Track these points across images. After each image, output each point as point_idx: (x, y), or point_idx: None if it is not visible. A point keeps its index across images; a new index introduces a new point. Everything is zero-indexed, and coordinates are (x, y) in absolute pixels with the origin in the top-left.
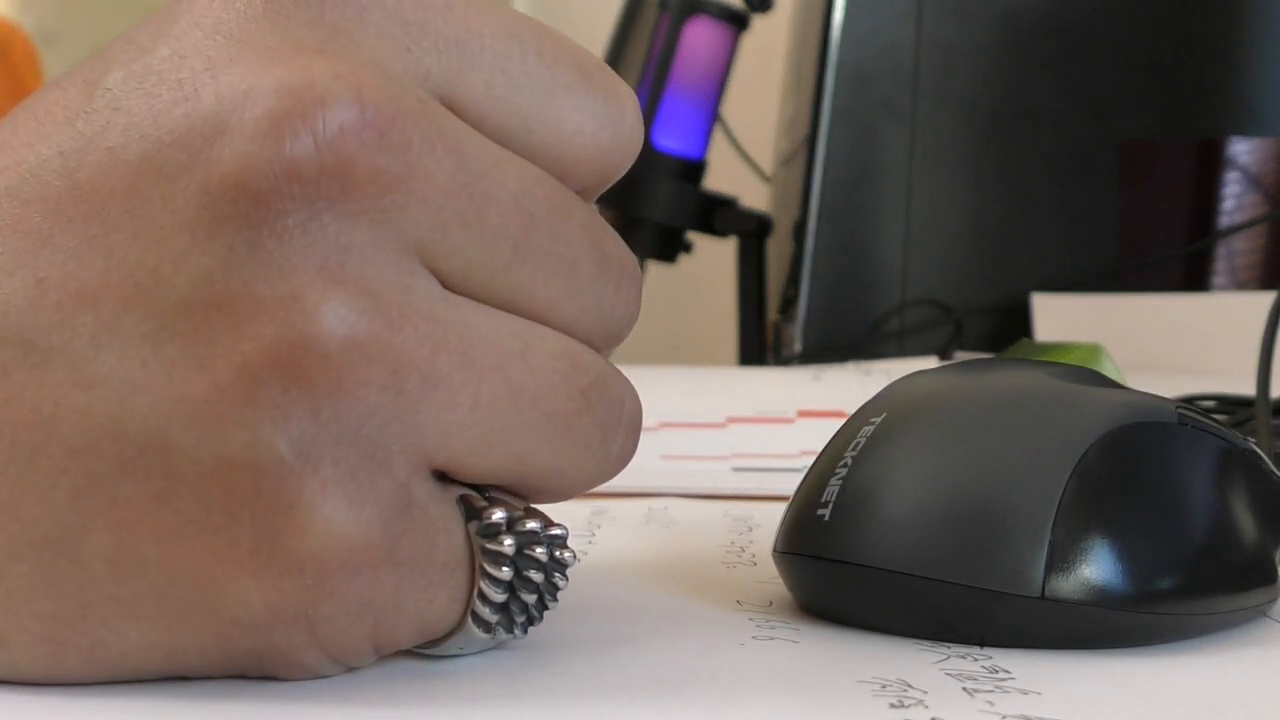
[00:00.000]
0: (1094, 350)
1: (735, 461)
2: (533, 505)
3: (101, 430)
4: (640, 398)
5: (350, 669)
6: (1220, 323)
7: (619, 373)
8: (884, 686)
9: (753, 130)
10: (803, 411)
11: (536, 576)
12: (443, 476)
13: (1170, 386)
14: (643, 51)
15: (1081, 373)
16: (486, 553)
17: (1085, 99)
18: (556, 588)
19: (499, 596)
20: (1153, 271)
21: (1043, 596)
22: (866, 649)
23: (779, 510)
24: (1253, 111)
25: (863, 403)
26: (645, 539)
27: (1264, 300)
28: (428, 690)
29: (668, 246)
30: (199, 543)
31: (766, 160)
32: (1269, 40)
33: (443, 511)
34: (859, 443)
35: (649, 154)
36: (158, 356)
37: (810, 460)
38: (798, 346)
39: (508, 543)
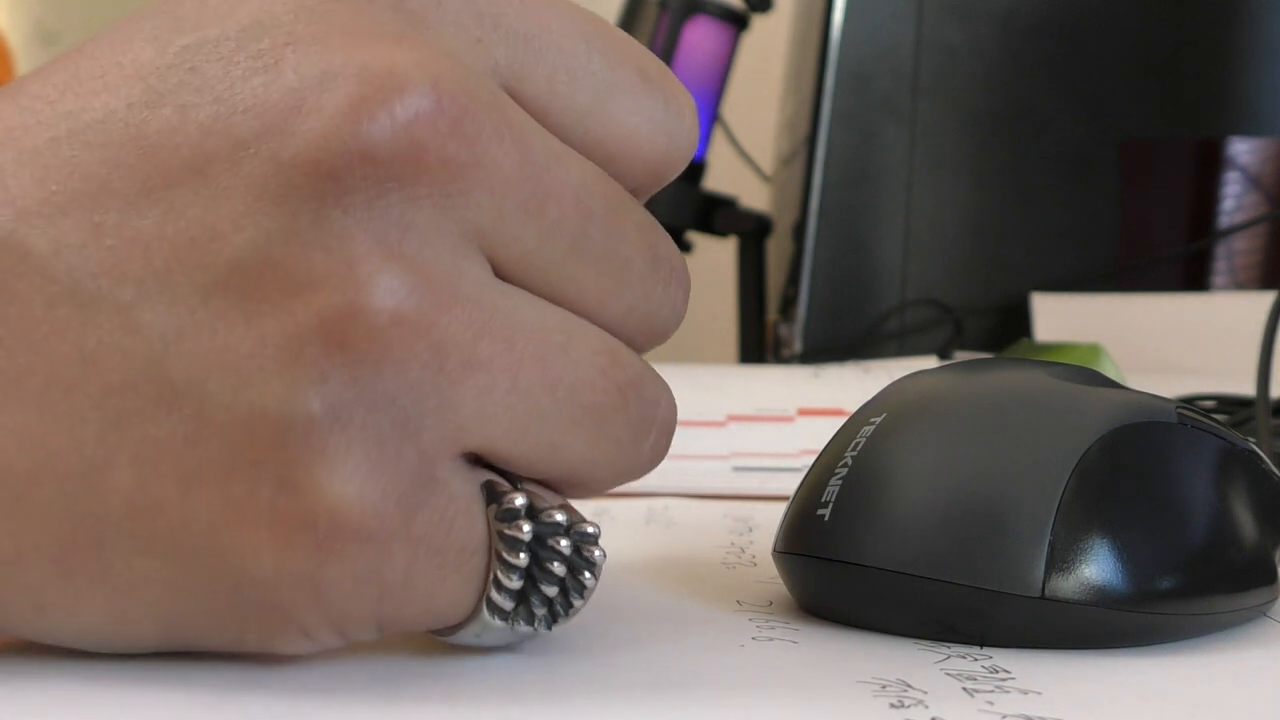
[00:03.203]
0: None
1: (735, 461)
2: (567, 502)
3: (140, 372)
4: (676, 407)
5: (350, 642)
6: (1220, 323)
7: (657, 374)
8: (884, 686)
9: (753, 130)
10: (803, 410)
11: (559, 569)
12: (476, 462)
13: (1170, 386)
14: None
15: (1081, 373)
16: (503, 537)
17: (1085, 99)
18: (584, 586)
19: (514, 583)
20: (1153, 271)
21: (1043, 596)
22: (866, 649)
23: (779, 510)
24: (1253, 111)
25: (862, 401)
26: (645, 539)
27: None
28: (427, 690)
29: None
30: (218, 489)
31: (766, 160)
32: (1269, 40)
33: (465, 493)
34: (859, 443)
35: None
36: (206, 308)
37: (810, 460)
38: (798, 346)
39: (525, 528)
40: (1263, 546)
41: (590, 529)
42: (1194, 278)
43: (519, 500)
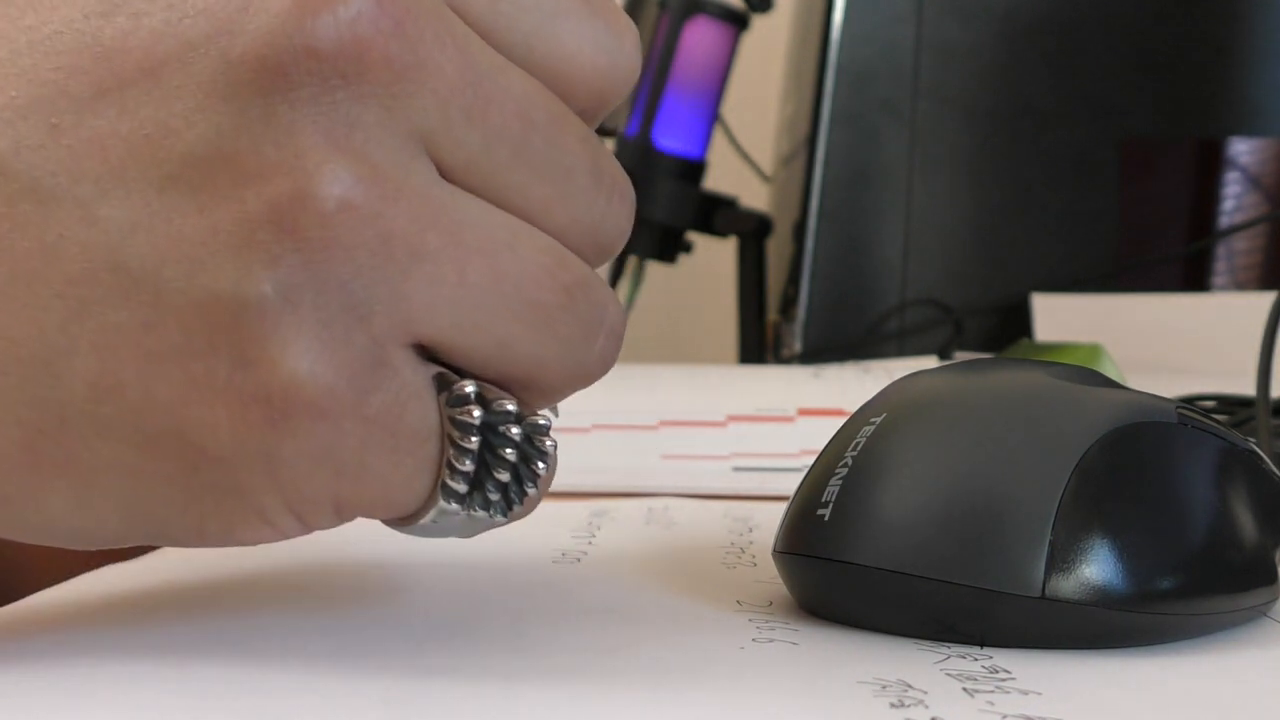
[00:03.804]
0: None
1: (735, 461)
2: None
3: (100, 262)
4: (624, 318)
5: (310, 529)
6: (1220, 323)
7: (604, 283)
8: (884, 687)
9: (753, 130)
10: (803, 410)
11: (510, 454)
12: (429, 358)
13: (1170, 386)
14: (643, 51)
15: (1082, 373)
16: (454, 422)
17: (1085, 99)
18: (536, 474)
19: (467, 466)
20: (1153, 271)
21: (1043, 596)
22: (866, 649)
23: (779, 510)
24: (1253, 111)
25: (863, 401)
26: (645, 539)
27: (1264, 300)
28: (427, 689)
29: (668, 246)
30: (177, 369)
31: (766, 160)
32: (1269, 40)
33: (416, 380)
34: (859, 443)
35: (649, 154)
36: (161, 200)
37: (810, 460)
38: (798, 346)
39: (475, 413)
40: (1263, 547)
41: (541, 420)
42: (1194, 278)
43: (469, 387)
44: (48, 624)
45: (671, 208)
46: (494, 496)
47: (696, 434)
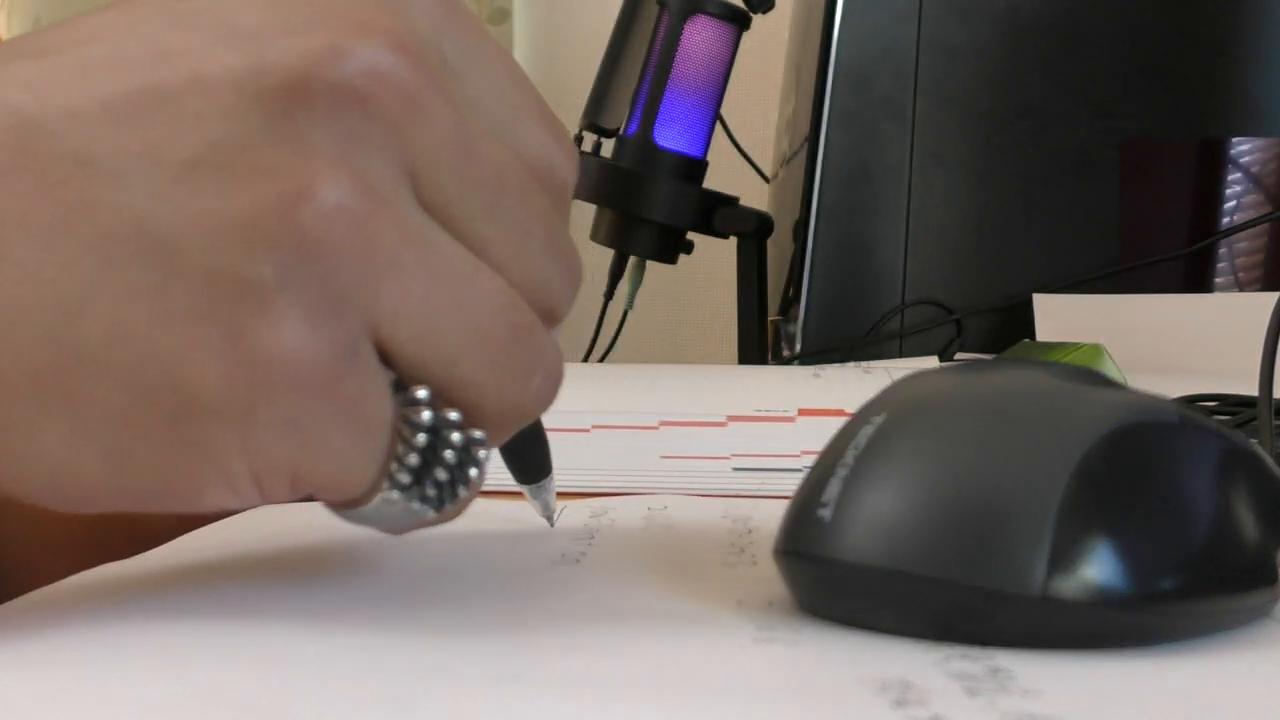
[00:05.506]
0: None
1: (735, 461)
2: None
3: (129, 225)
4: (564, 366)
5: (265, 501)
6: (1222, 323)
7: (549, 335)
8: (885, 687)
9: (753, 130)
10: (804, 410)
11: (450, 457)
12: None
13: (1171, 386)
14: (643, 51)
15: (1083, 373)
16: (407, 420)
17: (1085, 99)
18: (469, 479)
19: (413, 460)
20: (1154, 272)
21: (1044, 596)
22: (867, 649)
23: (779, 510)
24: (1254, 111)
25: (863, 401)
26: (645, 539)
27: (1266, 300)
28: (426, 689)
29: (668, 246)
30: (181, 328)
31: (766, 160)
32: (1271, 40)
33: (380, 375)
34: (859, 442)
35: (649, 153)
36: (190, 177)
37: (811, 460)
38: (798, 347)
39: (425, 415)
40: (1264, 547)
41: (479, 435)
42: (1196, 278)
43: (422, 393)
44: (47, 623)
45: (671, 207)
46: (431, 492)
47: (696, 434)
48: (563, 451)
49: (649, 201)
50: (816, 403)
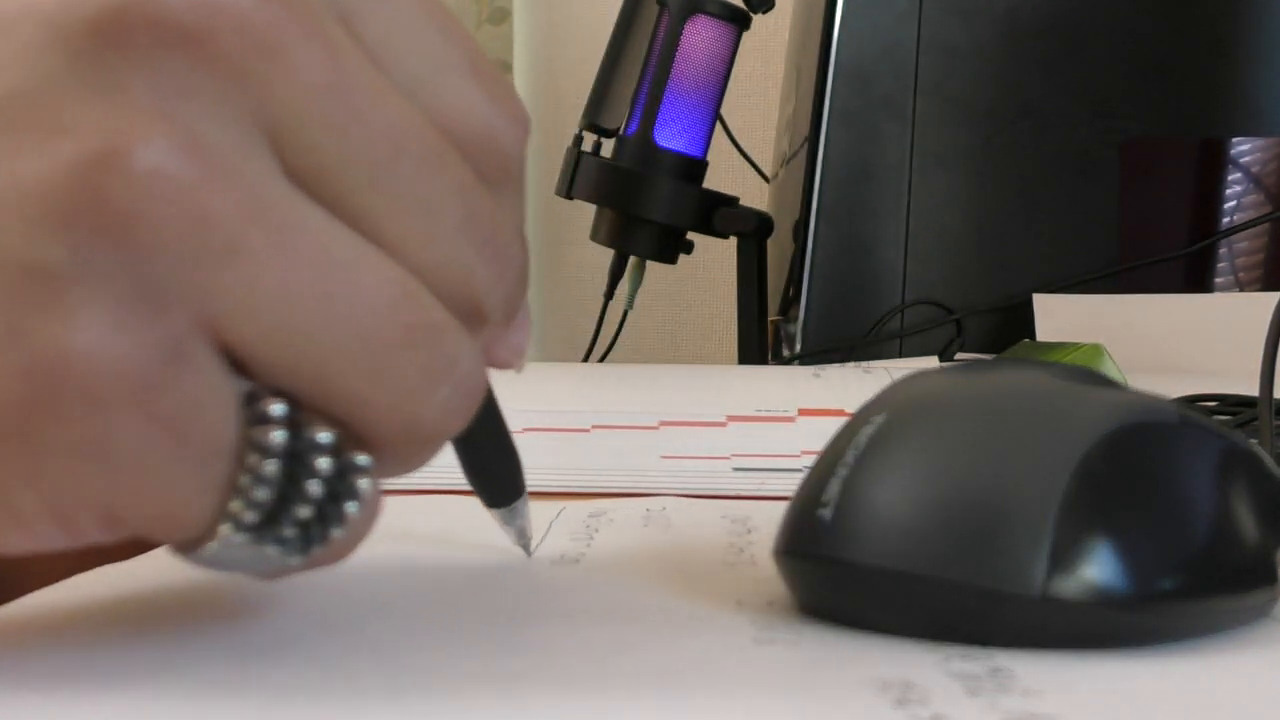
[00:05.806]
0: (1095, 350)
1: (735, 461)
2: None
3: None
4: (485, 373)
5: (76, 542)
6: (1222, 323)
7: (466, 335)
8: (885, 687)
9: (753, 130)
10: (804, 410)
11: (315, 489)
12: (242, 369)
13: (1171, 386)
14: (643, 50)
15: (1083, 373)
16: (251, 442)
17: (1085, 99)
18: (345, 516)
19: (259, 495)
20: (1154, 272)
21: (1044, 596)
22: (867, 649)
23: (779, 510)
24: (1254, 111)
25: (863, 401)
26: (645, 539)
27: (1266, 300)
28: (426, 690)
29: (668, 246)
30: None
31: (766, 160)
32: (1271, 40)
33: (216, 384)
34: (860, 442)
35: (649, 152)
36: None
37: (811, 460)
38: (798, 347)
39: (276, 435)
40: (1264, 547)
41: (361, 460)
42: (1196, 278)
43: (276, 407)
44: (46, 624)
45: (671, 207)
46: (289, 533)
47: (696, 434)
48: (563, 451)
49: (649, 201)
50: (816, 403)
